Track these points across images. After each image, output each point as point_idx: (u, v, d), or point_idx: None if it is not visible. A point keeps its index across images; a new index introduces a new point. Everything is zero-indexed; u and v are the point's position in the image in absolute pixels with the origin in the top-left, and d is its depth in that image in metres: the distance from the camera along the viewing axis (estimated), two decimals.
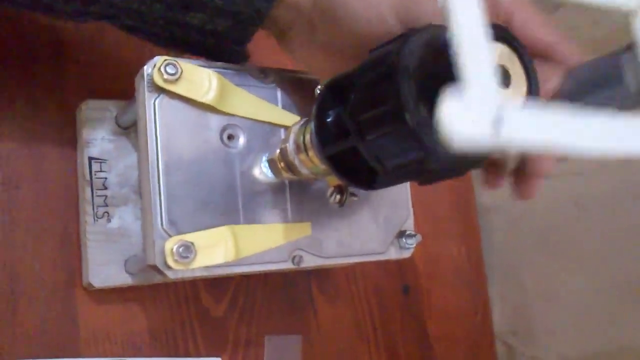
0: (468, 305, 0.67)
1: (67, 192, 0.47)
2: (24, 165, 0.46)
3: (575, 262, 0.61)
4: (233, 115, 0.41)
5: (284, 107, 0.43)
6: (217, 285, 0.52)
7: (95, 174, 0.46)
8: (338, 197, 0.37)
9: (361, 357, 0.58)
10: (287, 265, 0.42)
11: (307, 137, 0.36)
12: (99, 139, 0.47)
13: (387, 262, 0.47)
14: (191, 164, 0.39)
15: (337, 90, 0.32)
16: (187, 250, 0.37)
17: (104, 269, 0.45)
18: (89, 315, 0.47)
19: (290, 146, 0.37)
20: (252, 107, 0.42)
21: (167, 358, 0.49)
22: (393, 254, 0.46)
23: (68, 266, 0.46)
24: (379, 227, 0.46)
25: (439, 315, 0.64)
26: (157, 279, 0.47)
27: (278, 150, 0.39)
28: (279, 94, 0.43)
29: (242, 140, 0.41)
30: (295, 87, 0.44)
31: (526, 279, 0.65)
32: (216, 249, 0.38)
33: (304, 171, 0.37)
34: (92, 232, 0.45)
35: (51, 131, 0.47)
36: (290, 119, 0.43)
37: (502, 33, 0.28)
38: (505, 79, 0.28)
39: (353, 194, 0.37)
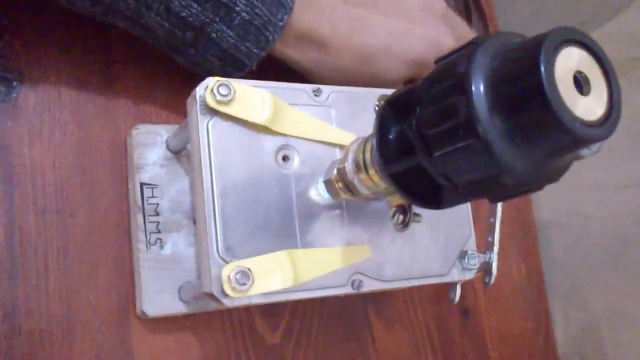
0: (530, 326, 0.64)
1: (119, 219, 0.46)
2: (77, 194, 0.45)
3: None
4: (287, 135, 0.40)
5: (338, 126, 0.42)
6: (272, 312, 0.50)
7: (147, 200, 0.45)
8: (401, 218, 0.35)
9: None
10: (347, 290, 0.40)
11: (367, 155, 0.34)
12: (150, 164, 0.46)
13: (445, 283, 0.45)
14: (246, 187, 0.38)
15: (399, 105, 0.31)
16: (244, 276, 0.36)
17: (158, 297, 0.44)
18: (144, 345, 0.46)
19: (348, 165, 0.36)
20: (306, 127, 0.41)
21: None
22: (455, 276, 0.44)
23: (122, 295, 0.45)
24: (440, 248, 0.44)
25: (500, 338, 0.61)
26: (212, 306, 0.46)
27: (335, 171, 0.38)
28: (333, 112, 0.42)
29: (297, 161, 0.40)
30: (349, 104, 0.43)
31: (592, 297, 0.62)
32: (274, 275, 0.37)
33: (364, 191, 0.36)
34: (145, 260, 0.44)
35: (102, 157, 0.47)
36: (346, 137, 0.41)
37: (578, 37, 0.26)
38: (585, 85, 0.26)
39: (416, 215, 0.35)
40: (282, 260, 0.37)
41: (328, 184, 0.39)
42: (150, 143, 0.46)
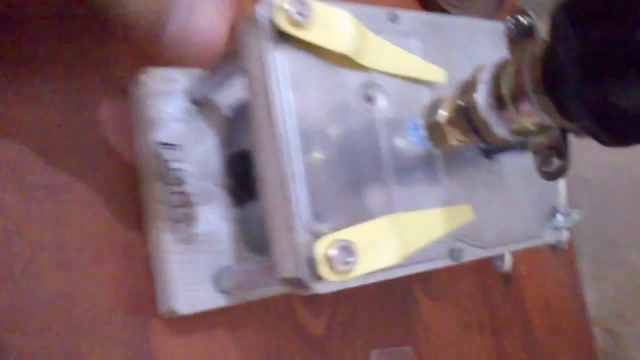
0: (564, 290, 0.59)
1: (126, 192, 0.36)
2: (71, 162, 0.34)
3: None
4: (370, 70, 0.31)
5: (423, 58, 0.34)
6: (312, 297, 0.42)
7: (167, 165, 0.35)
8: (558, 162, 0.27)
9: None
10: (446, 262, 0.32)
11: (518, 85, 0.26)
12: (167, 118, 0.35)
13: None
14: (329, 136, 0.29)
15: (599, 11, 0.23)
16: (348, 253, 0.27)
17: (191, 289, 0.34)
18: (166, 350, 0.36)
19: (481, 100, 0.28)
20: (392, 60, 0.32)
21: None
22: (548, 237, 0.38)
23: (135, 290, 0.35)
24: (534, 205, 0.37)
25: (539, 304, 0.56)
26: (254, 295, 0.36)
27: (452, 109, 0.30)
28: (414, 42, 0.34)
29: (383, 101, 0.31)
30: (430, 33, 0.34)
31: (629, 253, 0.57)
32: (379, 249, 0.28)
33: (500, 131, 0.28)
34: (171, 242, 0.34)
35: (99, 113, 0.36)
36: (434, 72, 0.33)
37: None
38: None
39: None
40: (386, 228, 0.29)
41: (433, 127, 0.31)
42: (165, 92, 0.36)
